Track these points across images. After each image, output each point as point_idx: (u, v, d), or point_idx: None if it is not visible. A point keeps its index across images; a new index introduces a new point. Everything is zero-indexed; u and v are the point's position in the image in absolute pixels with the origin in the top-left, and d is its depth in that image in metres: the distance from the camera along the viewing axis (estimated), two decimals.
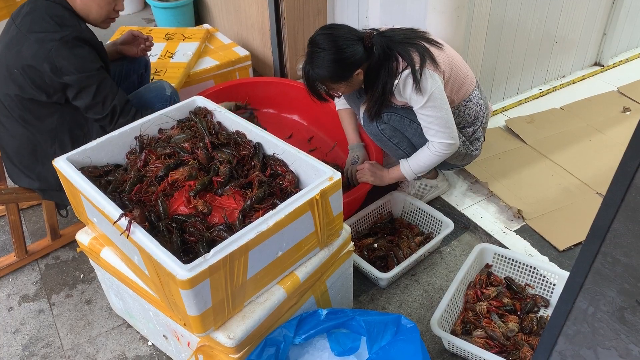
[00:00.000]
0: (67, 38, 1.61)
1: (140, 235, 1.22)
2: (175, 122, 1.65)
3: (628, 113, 2.65)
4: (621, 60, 3.11)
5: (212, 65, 2.80)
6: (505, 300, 1.73)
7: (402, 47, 1.74)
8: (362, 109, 1.93)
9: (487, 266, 1.84)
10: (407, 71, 1.72)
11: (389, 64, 1.74)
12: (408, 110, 1.89)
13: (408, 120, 1.89)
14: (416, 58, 1.72)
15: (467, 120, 1.94)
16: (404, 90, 1.75)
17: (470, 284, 1.79)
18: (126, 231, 1.22)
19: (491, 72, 2.60)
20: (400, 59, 1.74)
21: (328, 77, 1.73)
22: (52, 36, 1.61)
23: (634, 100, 2.74)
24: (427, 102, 1.74)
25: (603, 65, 3.06)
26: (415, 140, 1.96)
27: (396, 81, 1.75)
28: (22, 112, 1.72)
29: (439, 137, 1.81)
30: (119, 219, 1.23)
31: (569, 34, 2.79)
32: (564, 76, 2.99)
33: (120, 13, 1.83)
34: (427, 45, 1.76)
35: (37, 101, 1.69)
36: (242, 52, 2.92)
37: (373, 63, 1.73)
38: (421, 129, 1.92)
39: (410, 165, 1.92)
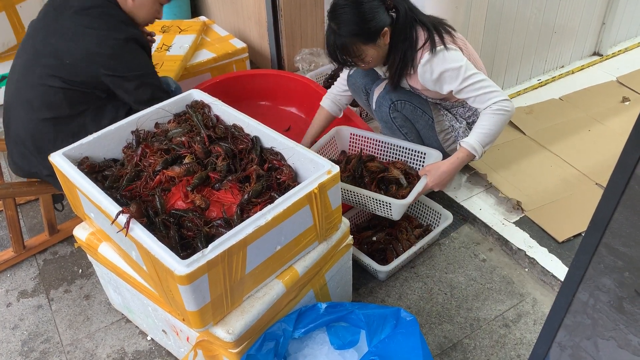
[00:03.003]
0: (129, 38, 1.74)
1: (138, 230, 1.21)
2: (172, 116, 1.64)
3: (627, 103, 2.64)
4: (620, 50, 3.09)
5: (209, 57, 2.78)
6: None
7: (424, 17, 1.74)
8: (377, 93, 1.92)
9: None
10: (431, 50, 1.70)
11: (411, 30, 1.72)
12: (422, 101, 1.88)
13: (421, 112, 1.88)
14: (436, 32, 1.72)
15: (478, 115, 1.93)
16: (434, 71, 1.72)
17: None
18: (125, 229, 1.21)
19: (490, 62, 2.58)
20: (420, 29, 1.73)
21: (355, 35, 1.67)
22: (115, 34, 1.72)
23: (633, 90, 2.73)
24: (466, 72, 1.71)
25: (602, 55, 3.04)
26: (424, 133, 1.95)
27: (423, 60, 1.72)
28: (56, 100, 1.74)
29: (496, 96, 1.73)
30: (117, 216, 1.22)
31: (568, 24, 2.78)
32: (562, 66, 2.98)
33: None
34: (448, 28, 1.78)
35: (79, 92, 1.75)
36: (239, 44, 2.90)
37: (396, 26, 1.71)
38: (432, 122, 1.92)
39: (476, 139, 1.77)
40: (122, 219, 1.22)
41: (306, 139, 2.13)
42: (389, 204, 1.72)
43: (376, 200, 1.74)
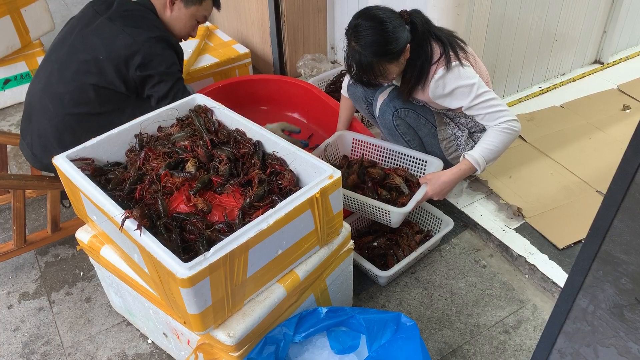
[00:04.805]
0: (161, 38, 1.80)
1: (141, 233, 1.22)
2: (175, 120, 1.65)
3: (628, 111, 2.65)
4: (621, 58, 3.10)
5: (212, 62, 2.80)
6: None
7: (437, 30, 1.75)
8: (380, 101, 1.92)
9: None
10: (446, 66, 1.71)
11: (426, 45, 1.73)
12: (426, 109, 1.89)
13: (424, 120, 1.89)
14: (450, 47, 1.73)
15: (480, 126, 1.94)
16: (446, 86, 1.73)
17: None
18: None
19: (491, 69, 2.59)
20: (434, 43, 1.74)
21: (381, 56, 1.66)
22: (148, 34, 1.78)
23: (634, 98, 2.74)
24: (479, 89, 1.72)
25: (603, 63, 3.05)
26: (426, 141, 1.96)
27: (436, 76, 1.72)
28: (87, 97, 1.79)
29: (506, 115, 1.74)
30: (124, 221, 1.23)
31: (569, 32, 2.79)
32: (564, 74, 2.99)
33: None
34: (460, 42, 1.78)
35: (111, 90, 1.80)
36: (242, 49, 2.91)
37: (414, 41, 1.71)
38: (434, 130, 1.92)
39: (481, 154, 1.78)
40: (129, 222, 1.22)
41: (339, 127, 2.20)
42: (388, 211, 1.73)
43: (375, 207, 1.75)
